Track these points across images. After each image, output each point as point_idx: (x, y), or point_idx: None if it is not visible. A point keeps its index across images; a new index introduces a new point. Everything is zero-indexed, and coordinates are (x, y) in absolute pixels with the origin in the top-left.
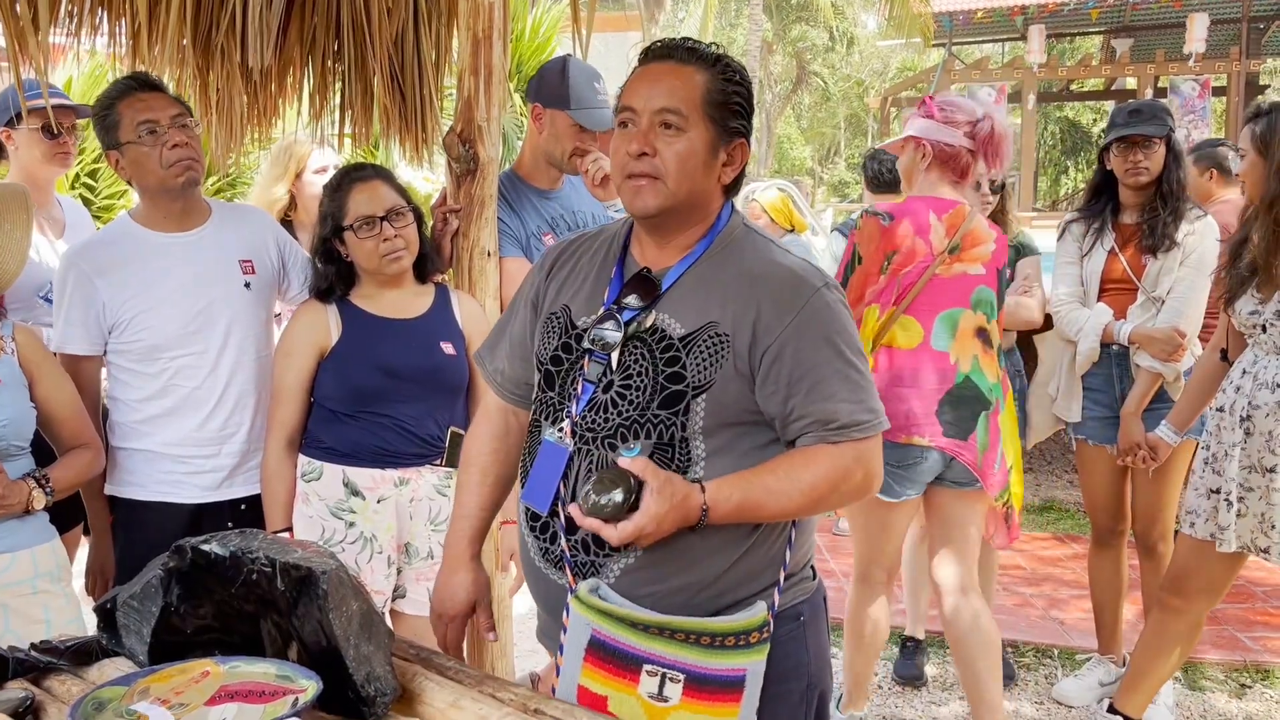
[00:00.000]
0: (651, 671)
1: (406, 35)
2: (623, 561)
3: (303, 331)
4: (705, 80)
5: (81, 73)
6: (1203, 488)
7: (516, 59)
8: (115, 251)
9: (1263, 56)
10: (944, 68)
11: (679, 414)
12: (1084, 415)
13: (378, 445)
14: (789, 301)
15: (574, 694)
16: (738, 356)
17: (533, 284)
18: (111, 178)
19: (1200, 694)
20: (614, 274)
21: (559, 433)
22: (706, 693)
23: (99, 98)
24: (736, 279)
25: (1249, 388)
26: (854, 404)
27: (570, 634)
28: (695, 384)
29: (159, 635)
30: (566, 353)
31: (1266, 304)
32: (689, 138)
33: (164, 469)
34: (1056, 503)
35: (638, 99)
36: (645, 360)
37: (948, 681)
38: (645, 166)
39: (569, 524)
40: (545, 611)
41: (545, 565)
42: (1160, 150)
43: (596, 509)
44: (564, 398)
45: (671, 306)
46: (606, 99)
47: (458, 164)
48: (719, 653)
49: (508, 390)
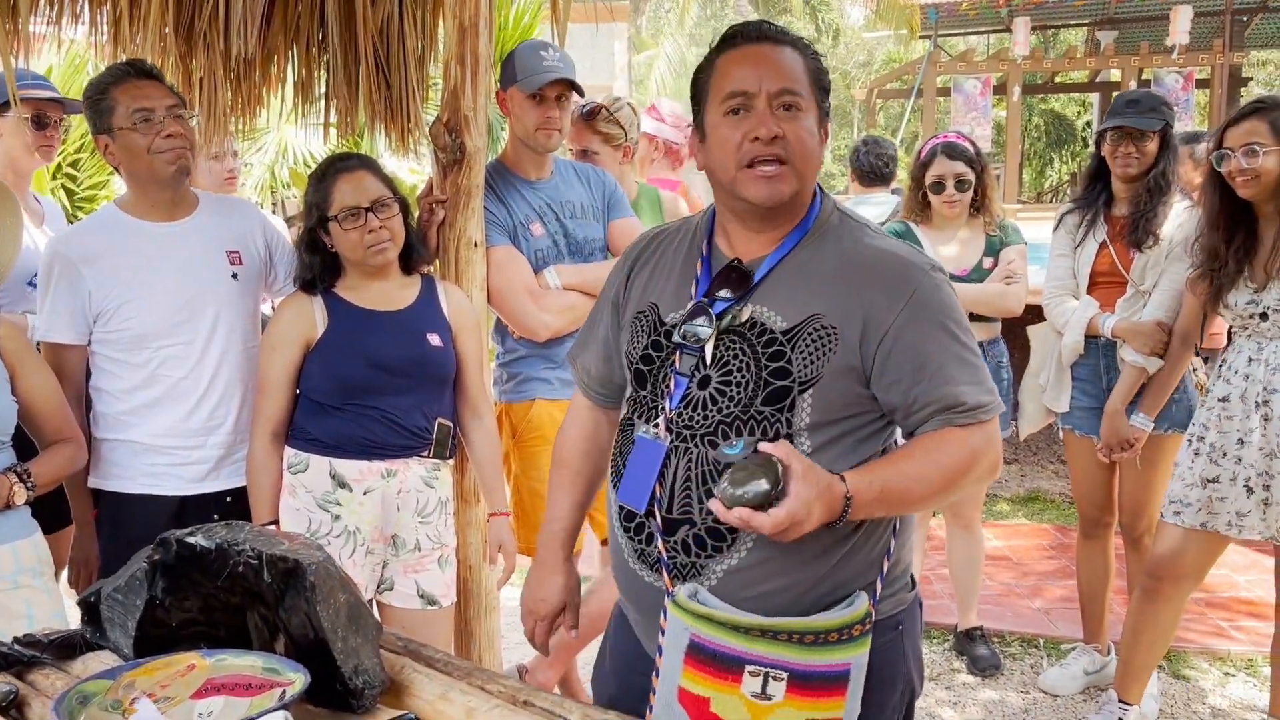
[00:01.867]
0: (754, 672)
1: (392, 24)
2: (726, 563)
3: (288, 323)
4: (805, 60)
5: (62, 61)
6: (1193, 478)
7: (500, 48)
8: (101, 240)
9: (1246, 49)
10: (929, 59)
11: (784, 410)
12: (1071, 406)
13: (364, 437)
14: (898, 289)
15: (675, 695)
16: (847, 349)
17: (614, 284)
18: (94, 169)
19: (1185, 682)
20: (701, 267)
21: (654, 429)
22: (811, 689)
23: (92, 81)
24: (838, 268)
25: (1261, 374)
26: (975, 386)
27: (669, 637)
28: (802, 379)
29: (144, 628)
30: (657, 350)
31: (1263, 292)
32: (807, 118)
33: (149, 461)
34: (1042, 493)
35: (750, 81)
36: (746, 355)
37: (934, 671)
38: (779, 150)
39: (666, 525)
40: (638, 611)
41: (640, 567)
42: (1154, 143)
43: (739, 499)
44: (657, 395)
45: (769, 298)
46: (552, 63)
47: (444, 154)
48: (822, 649)
49: (594, 390)
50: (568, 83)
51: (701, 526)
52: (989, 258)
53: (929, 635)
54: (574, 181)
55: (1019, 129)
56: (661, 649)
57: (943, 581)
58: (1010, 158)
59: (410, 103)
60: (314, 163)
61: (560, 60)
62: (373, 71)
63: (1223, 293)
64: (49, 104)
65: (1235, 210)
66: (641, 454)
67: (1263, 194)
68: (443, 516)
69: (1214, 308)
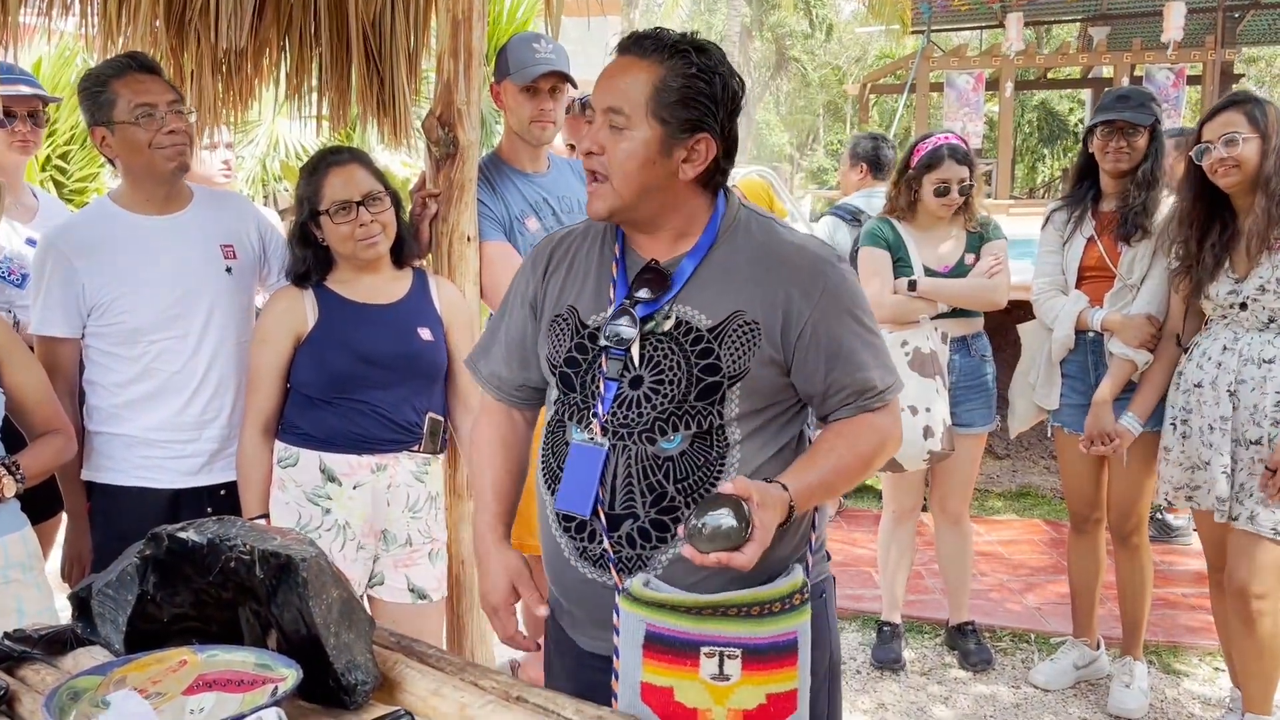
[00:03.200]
0: (709, 653)
1: (384, 16)
2: (670, 552)
3: (279, 317)
4: (661, 75)
5: (52, 53)
6: (1181, 459)
7: (494, 42)
8: (95, 233)
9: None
10: (922, 55)
11: (715, 403)
12: (1060, 402)
13: (355, 431)
14: (812, 282)
15: (637, 693)
16: (770, 343)
17: (527, 284)
18: (83, 161)
19: (1175, 678)
20: (617, 269)
21: (588, 434)
22: (764, 662)
23: (91, 72)
24: (752, 264)
25: (1234, 364)
26: (882, 369)
27: (624, 635)
28: (731, 373)
29: (135, 624)
30: (582, 353)
31: (1244, 282)
32: (631, 137)
33: (142, 454)
34: (1033, 489)
35: (594, 95)
36: (676, 354)
37: (926, 666)
38: (594, 164)
39: (610, 521)
40: (580, 608)
41: (584, 565)
42: (1143, 139)
43: (716, 538)
44: (587, 397)
45: (692, 298)
46: (545, 55)
47: (437, 148)
48: (769, 620)
49: (508, 394)
50: (561, 74)
51: (646, 519)
52: (970, 254)
53: (920, 630)
54: (570, 177)
55: (1011, 125)
56: (618, 650)
57: (934, 576)
58: (1003, 153)
59: (402, 96)
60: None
61: (553, 52)
62: (365, 64)
63: (1203, 285)
64: (14, 99)
65: (1213, 205)
66: (579, 459)
67: (1243, 183)
68: (433, 511)
69: (1195, 300)
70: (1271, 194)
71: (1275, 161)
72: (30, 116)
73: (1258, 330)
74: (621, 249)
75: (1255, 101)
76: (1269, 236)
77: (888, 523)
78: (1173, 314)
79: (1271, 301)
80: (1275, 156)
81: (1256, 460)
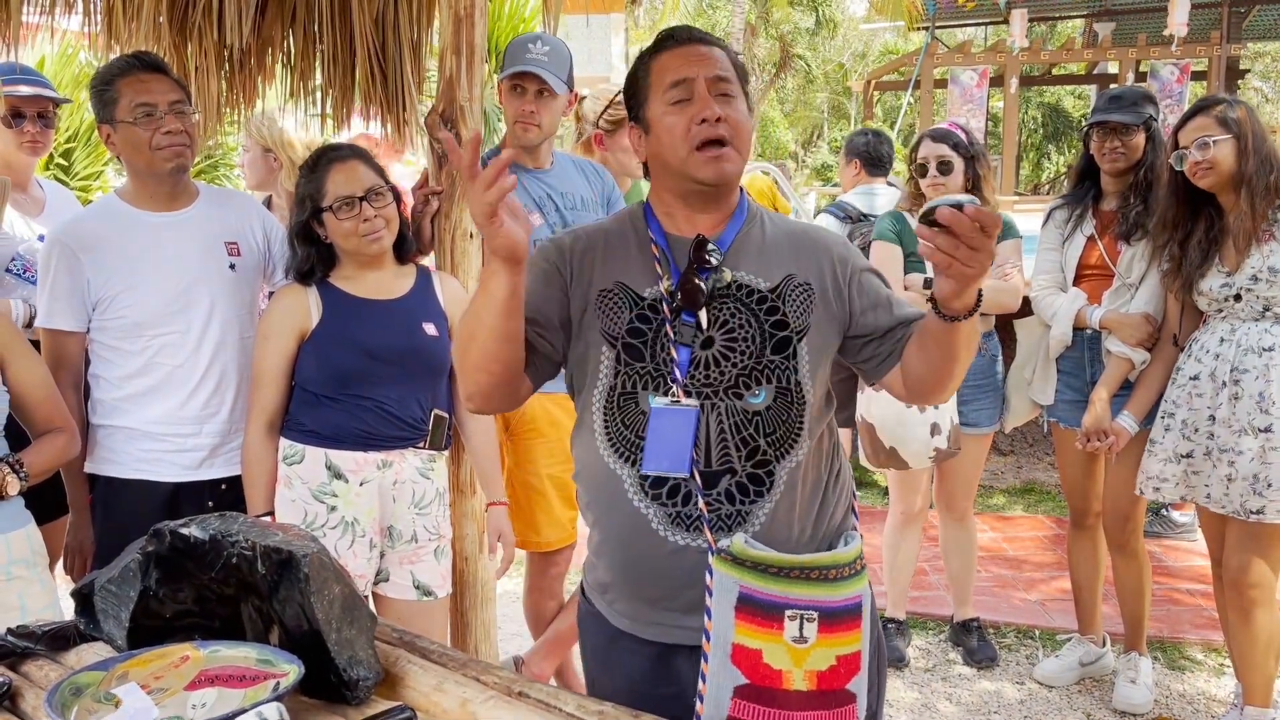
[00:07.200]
0: (792, 615)
1: (387, 14)
2: (766, 506)
3: (283, 314)
4: (730, 56)
5: (55, 52)
6: (1167, 453)
7: (495, 39)
8: (100, 229)
9: (1243, 41)
10: (926, 51)
11: (789, 357)
12: (1056, 399)
13: (360, 428)
14: (838, 252)
15: (729, 654)
16: (824, 301)
17: (553, 266)
18: (87, 158)
19: (1179, 673)
20: (661, 244)
21: (670, 398)
22: (835, 624)
23: (100, 70)
24: (781, 240)
25: (1231, 355)
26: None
27: (716, 596)
28: (798, 329)
29: (137, 620)
30: (644, 323)
31: (1236, 274)
32: (739, 106)
33: (144, 447)
34: (1037, 485)
35: (690, 69)
36: (744, 313)
37: (930, 663)
38: (725, 130)
39: (706, 479)
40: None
41: (674, 532)
42: (1139, 138)
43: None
44: (659, 364)
45: (744, 265)
46: (536, 56)
47: (439, 145)
48: (840, 584)
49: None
50: (538, 78)
51: (743, 473)
52: None
53: (925, 626)
54: (575, 174)
55: (1016, 121)
56: (710, 610)
57: (938, 573)
58: (1007, 150)
59: (408, 93)
60: None
61: (546, 54)
62: (368, 62)
63: (1193, 281)
64: (23, 100)
65: (1199, 204)
66: (666, 422)
67: (1221, 182)
68: (439, 507)
69: (1188, 297)
70: (1254, 190)
71: (1255, 160)
72: (40, 117)
73: (1254, 320)
74: (655, 232)
75: (1226, 103)
76: (1257, 230)
77: (895, 523)
78: (1169, 315)
79: (1265, 290)
80: (1254, 155)
81: (1268, 449)
